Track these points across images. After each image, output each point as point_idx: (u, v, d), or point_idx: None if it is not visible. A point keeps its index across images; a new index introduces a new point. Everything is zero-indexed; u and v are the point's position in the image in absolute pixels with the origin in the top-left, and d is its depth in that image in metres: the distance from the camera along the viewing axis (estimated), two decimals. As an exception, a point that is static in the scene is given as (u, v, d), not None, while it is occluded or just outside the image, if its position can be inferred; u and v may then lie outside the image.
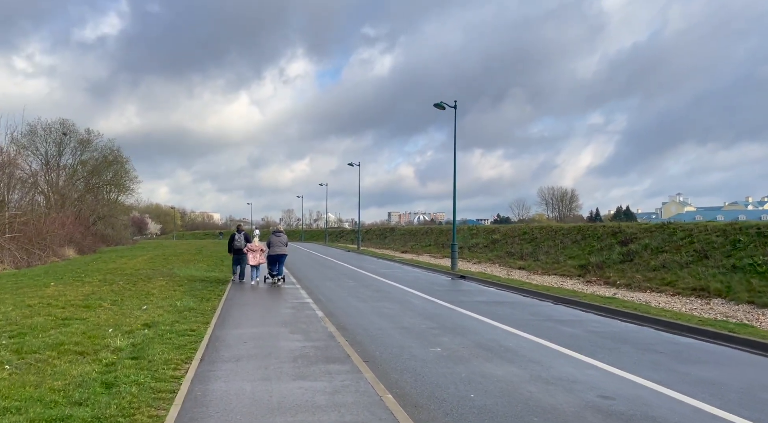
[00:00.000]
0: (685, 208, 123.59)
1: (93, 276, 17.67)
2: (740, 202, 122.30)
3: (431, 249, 41.41)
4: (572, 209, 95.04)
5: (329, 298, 13.72)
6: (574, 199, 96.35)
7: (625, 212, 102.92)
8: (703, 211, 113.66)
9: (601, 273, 20.54)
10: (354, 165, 45.95)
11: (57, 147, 59.90)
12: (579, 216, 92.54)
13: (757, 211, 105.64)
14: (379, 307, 12.27)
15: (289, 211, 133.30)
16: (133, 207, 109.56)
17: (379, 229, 65.74)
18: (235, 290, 14.36)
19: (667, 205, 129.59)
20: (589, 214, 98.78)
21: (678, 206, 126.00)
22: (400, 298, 14.00)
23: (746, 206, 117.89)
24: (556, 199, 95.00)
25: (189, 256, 30.11)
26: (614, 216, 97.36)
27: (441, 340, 8.57)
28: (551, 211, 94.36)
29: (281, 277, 16.16)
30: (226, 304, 11.66)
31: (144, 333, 8.09)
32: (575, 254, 24.46)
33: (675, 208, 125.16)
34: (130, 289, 14.05)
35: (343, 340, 7.95)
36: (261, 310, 10.92)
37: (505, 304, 13.04)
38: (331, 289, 15.69)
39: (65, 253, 34.26)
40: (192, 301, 11.69)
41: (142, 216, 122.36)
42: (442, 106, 22.84)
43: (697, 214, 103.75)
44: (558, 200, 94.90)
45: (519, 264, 26.68)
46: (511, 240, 32.56)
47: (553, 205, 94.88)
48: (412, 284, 17.48)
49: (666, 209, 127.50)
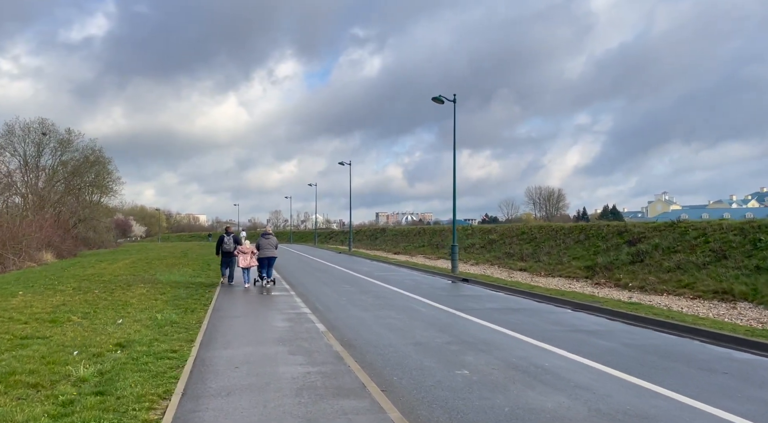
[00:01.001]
0: (671, 206, 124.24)
1: (67, 283, 16.26)
2: (724, 200, 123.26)
3: (425, 250, 40.28)
4: (559, 209, 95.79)
5: (327, 306, 12.49)
6: (561, 199, 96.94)
7: (611, 211, 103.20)
8: (688, 209, 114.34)
9: (609, 274, 19.52)
10: (345, 164, 44.71)
11: (36, 147, 57.88)
12: (566, 215, 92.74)
13: (742, 210, 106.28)
14: (384, 317, 11.07)
15: (276, 212, 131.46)
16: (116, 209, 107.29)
17: (370, 230, 64.50)
18: (223, 298, 13.07)
19: (653, 203, 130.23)
20: (576, 214, 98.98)
21: (664, 205, 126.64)
22: (404, 305, 12.81)
23: (730, 205, 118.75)
24: (544, 198, 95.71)
25: (173, 259, 28.66)
26: (601, 215, 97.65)
27: (464, 359, 7.39)
28: (538, 211, 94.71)
29: (271, 279, 15.82)
30: (214, 315, 10.38)
31: (115, 356, 6.80)
32: (579, 255, 23.45)
33: (661, 206, 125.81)
34: (106, 298, 12.70)
35: (353, 363, 6.73)
36: (253, 323, 9.66)
37: (521, 312, 11.90)
38: (328, 296, 14.45)
39: (42, 258, 32.61)
40: (175, 313, 10.39)
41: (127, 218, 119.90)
42: (440, 100, 21.70)
43: (683, 212, 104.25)
44: (545, 200, 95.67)
45: (520, 265, 25.63)
46: (509, 240, 31.53)
47: (541, 204, 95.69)
48: (413, 289, 16.30)
49: (652, 208, 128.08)
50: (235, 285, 16.13)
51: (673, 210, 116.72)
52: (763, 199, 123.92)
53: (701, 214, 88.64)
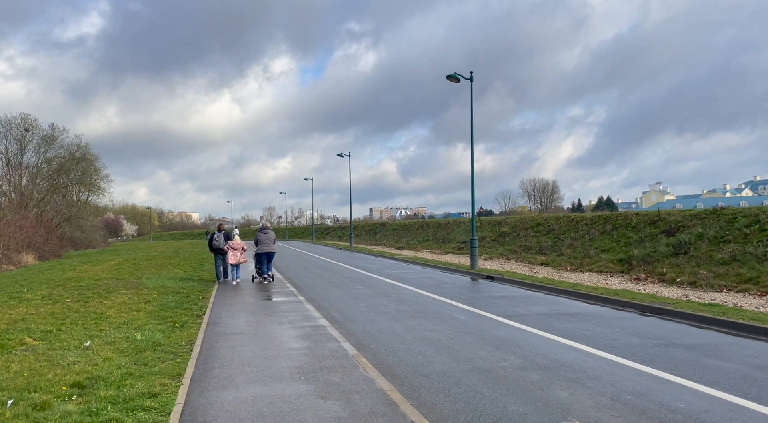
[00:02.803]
0: (665, 196, 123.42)
1: (38, 290, 14.05)
2: (718, 189, 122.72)
3: (430, 245, 38.23)
4: (554, 200, 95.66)
5: (347, 315, 10.36)
6: (556, 191, 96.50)
7: (606, 202, 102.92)
8: (682, 199, 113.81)
9: (650, 268, 17.53)
10: (344, 156, 42.52)
11: (18, 144, 55.26)
12: (560, 207, 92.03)
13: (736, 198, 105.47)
14: (419, 328, 8.97)
15: (270, 208, 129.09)
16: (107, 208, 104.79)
17: (369, 225, 62.35)
18: (220, 306, 10.93)
19: (648, 193, 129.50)
20: (571, 205, 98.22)
21: (658, 195, 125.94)
22: (436, 311, 10.72)
23: (724, 194, 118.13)
24: (538, 190, 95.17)
25: (164, 259, 26.41)
26: (596, 206, 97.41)
27: (559, 396, 5.32)
28: (533, 203, 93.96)
29: (270, 275, 15.63)
30: (209, 332, 8.25)
31: (65, 410, 4.67)
32: (608, 247, 21.44)
33: (655, 196, 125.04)
34: (78, 310, 10.52)
35: (411, 411, 4.63)
36: (261, 343, 7.53)
37: (580, 318, 9.84)
38: (343, 301, 12.33)
39: (22, 260, 30.27)
40: (159, 330, 8.25)
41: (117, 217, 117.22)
42: (456, 78, 19.57)
43: (677, 202, 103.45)
44: (540, 192, 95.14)
45: (540, 260, 23.59)
46: (523, 233, 29.50)
47: (535, 196, 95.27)
48: (436, 290, 14.22)
49: (646, 198, 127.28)
50: (227, 281, 15.77)
51: (668, 200, 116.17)
52: (757, 187, 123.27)
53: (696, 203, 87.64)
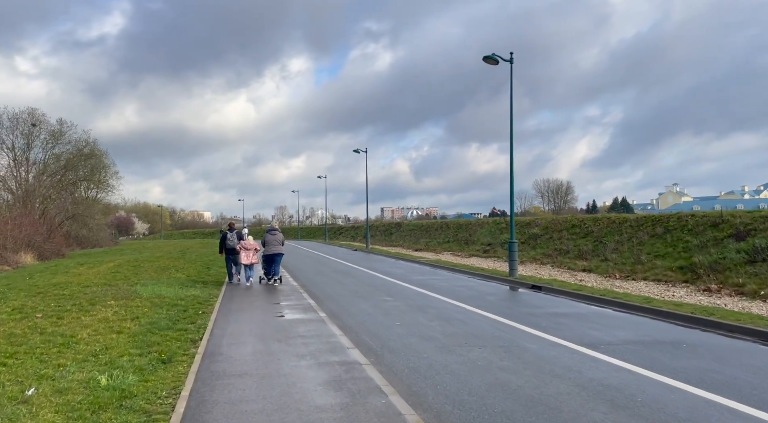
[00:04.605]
0: (682, 198, 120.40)
1: (12, 299, 11.96)
2: (736, 191, 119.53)
3: (451, 247, 35.92)
4: (567, 202, 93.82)
5: (384, 342, 8.10)
6: (570, 191, 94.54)
7: (621, 203, 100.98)
8: (699, 200, 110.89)
9: (721, 278, 15.14)
10: (360, 152, 40.29)
11: (26, 139, 53.73)
12: (574, 208, 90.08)
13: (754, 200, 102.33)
14: (485, 365, 6.69)
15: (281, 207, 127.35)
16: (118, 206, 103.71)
17: (384, 225, 60.10)
18: (223, 327, 8.73)
19: (664, 195, 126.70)
20: (585, 206, 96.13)
21: (675, 196, 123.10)
22: (494, 335, 8.44)
23: (742, 195, 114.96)
24: (552, 191, 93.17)
25: (168, 261, 24.35)
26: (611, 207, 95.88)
27: None
28: (546, 204, 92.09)
29: (278, 277, 15.25)
30: (204, 371, 6.04)
31: None
32: (663, 252, 19.02)
33: (672, 198, 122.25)
34: (46, 329, 8.38)
35: None
36: (274, 396, 5.30)
37: (691, 351, 7.50)
38: (372, 318, 10.07)
39: (20, 260, 28.39)
40: (136, 368, 6.07)
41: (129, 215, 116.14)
42: (495, 60, 17.24)
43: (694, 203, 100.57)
44: (553, 193, 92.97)
45: (581, 265, 21.22)
46: (557, 235, 27.08)
47: (549, 197, 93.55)
48: (479, 302, 11.95)
49: (663, 200, 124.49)
50: (240, 283, 15.30)
51: (685, 201, 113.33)
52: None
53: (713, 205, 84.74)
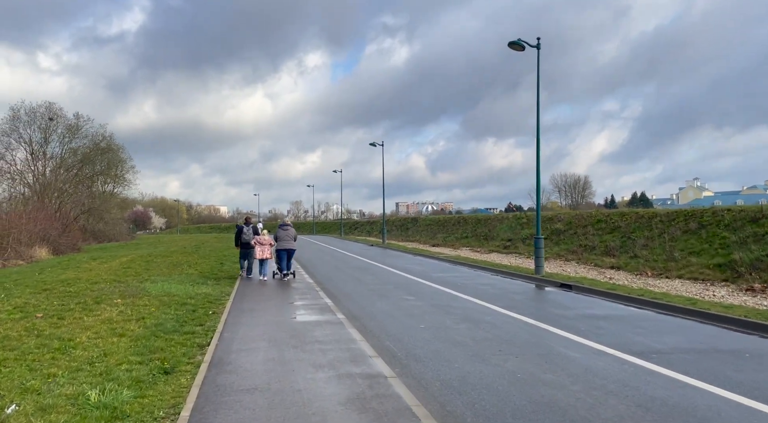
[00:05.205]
0: (703, 193, 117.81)
1: (16, 296, 11.43)
2: (759, 185, 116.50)
3: (470, 242, 35.06)
4: (585, 196, 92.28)
5: (409, 349, 7.32)
6: (587, 186, 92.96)
7: (640, 199, 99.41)
8: (721, 195, 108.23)
9: (765, 276, 14.18)
10: (377, 145, 39.47)
11: (43, 134, 53.80)
12: (592, 203, 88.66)
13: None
14: (526, 378, 5.90)
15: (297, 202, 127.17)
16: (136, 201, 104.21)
17: (400, 220, 59.34)
18: (233, 329, 8.04)
19: (684, 190, 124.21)
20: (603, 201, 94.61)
21: (696, 191, 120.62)
22: (529, 341, 7.64)
23: (765, 190, 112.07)
24: (569, 186, 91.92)
25: (181, 256, 23.85)
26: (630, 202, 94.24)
27: None
28: (563, 199, 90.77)
29: (291, 272, 15.28)
30: (209, 385, 5.33)
31: None
32: (698, 249, 18.00)
33: (693, 193, 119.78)
34: (43, 332, 7.77)
35: None
36: (289, 420, 4.57)
37: (757, 362, 6.64)
38: (395, 320, 9.31)
39: (35, 255, 28.14)
40: (133, 380, 5.39)
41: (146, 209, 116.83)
42: (521, 46, 16.32)
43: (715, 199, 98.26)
44: (571, 187, 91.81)
45: (609, 262, 20.28)
46: (581, 230, 26.06)
47: (566, 192, 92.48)
48: (507, 303, 11.14)
49: (683, 195, 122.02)
50: (252, 277, 15.39)
51: (706, 196, 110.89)
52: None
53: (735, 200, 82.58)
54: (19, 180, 50.62)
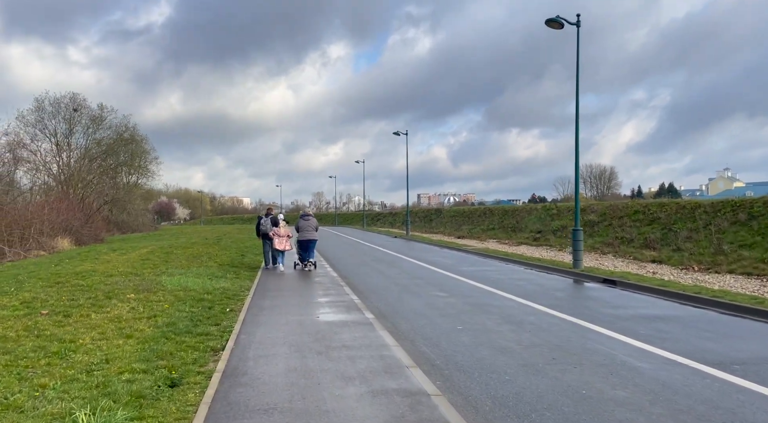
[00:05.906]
0: (734, 183, 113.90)
1: (27, 289, 10.84)
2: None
3: (497, 234, 33.93)
4: (611, 187, 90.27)
5: (450, 356, 6.43)
6: (614, 177, 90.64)
7: (669, 189, 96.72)
8: (753, 186, 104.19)
9: (832, 274, 12.91)
10: (401, 134, 38.50)
11: (67, 124, 53.95)
12: (618, 194, 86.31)
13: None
14: (593, 396, 4.96)
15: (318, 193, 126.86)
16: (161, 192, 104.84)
17: (424, 211, 58.30)
18: (251, 331, 7.24)
19: (714, 181, 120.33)
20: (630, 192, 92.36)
21: (726, 182, 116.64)
22: (585, 347, 6.69)
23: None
24: (595, 176, 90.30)
25: (201, 248, 23.30)
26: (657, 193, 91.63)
27: None
28: (589, 190, 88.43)
29: (312, 261, 14.93)
30: (220, 402, 4.52)
31: None
32: (750, 241, 16.73)
33: (723, 184, 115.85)
34: (44, 331, 7.08)
35: None
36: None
37: None
38: (430, 321, 8.42)
39: (57, 245, 27.93)
40: (132, 396, 4.60)
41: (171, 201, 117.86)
42: (559, 23, 15.18)
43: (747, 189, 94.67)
44: (596, 178, 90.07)
45: (649, 255, 19.07)
46: (617, 222, 24.78)
47: (592, 183, 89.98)
48: (550, 301, 10.16)
49: (713, 185, 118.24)
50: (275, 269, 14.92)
51: (737, 187, 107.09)
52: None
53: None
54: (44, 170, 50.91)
